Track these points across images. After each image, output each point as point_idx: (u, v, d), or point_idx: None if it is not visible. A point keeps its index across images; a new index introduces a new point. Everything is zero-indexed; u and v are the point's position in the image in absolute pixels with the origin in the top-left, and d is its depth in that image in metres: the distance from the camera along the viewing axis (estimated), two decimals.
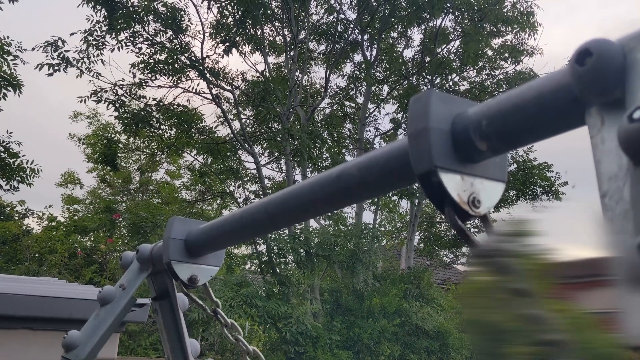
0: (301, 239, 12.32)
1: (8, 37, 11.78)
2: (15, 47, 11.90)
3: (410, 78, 16.40)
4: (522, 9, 15.31)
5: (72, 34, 12.47)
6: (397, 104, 17.05)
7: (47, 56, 12.29)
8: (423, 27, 16.54)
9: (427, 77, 16.14)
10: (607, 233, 0.50)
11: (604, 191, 0.53)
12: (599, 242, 0.51)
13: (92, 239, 17.35)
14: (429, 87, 16.16)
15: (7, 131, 12.25)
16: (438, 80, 16.20)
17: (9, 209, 16.68)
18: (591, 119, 0.59)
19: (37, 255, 15.16)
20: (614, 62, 0.56)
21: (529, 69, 15.96)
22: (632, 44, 0.56)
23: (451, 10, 15.77)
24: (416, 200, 15.83)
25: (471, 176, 0.78)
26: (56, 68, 12.37)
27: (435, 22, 16.19)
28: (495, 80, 16.61)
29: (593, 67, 0.57)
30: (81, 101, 13.01)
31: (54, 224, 17.53)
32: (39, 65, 12.15)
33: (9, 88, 11.78)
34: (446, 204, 0.78)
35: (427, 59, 16.11)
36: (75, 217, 20.25)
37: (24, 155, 12.37)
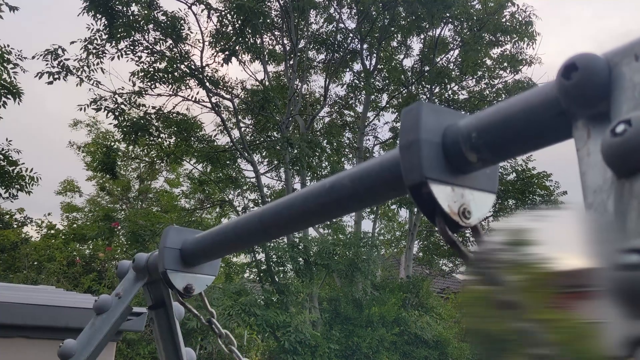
0: (300, 247, 12.31)
1: (8, 45, 11.82)
2: (16, 55, 11.93)
3: (410, 87, 16.44)
4: (520, 19, 15.37)
5: (72, 42, 12.51)
6: (397, 113, 17.08)
7: (47, 64, 12.34)
8: (422, 36, 16.60)
9: (427, 86, 16.18)
10: (591, 245, 0.51)
11: (589, 203, 0.54)
12: (586, 254, 0.52)
13: (90, 247, 17.32)
14: (428, 96, 16.21)
15: (7, 139, 12.27)
16: (437, 90, 16.25)
17: (7, 216, 16.66)
18: (577, 132, 0.59)
19: (35, 263, 15.13)
20: (600, 76, 0.57)
21: (527, 79, 16.02)
22: (617, 59, 0.57)
23: (450, 20, 15.84)
24: (415, 209, 15.82)
25: (461, 187, 0.78)
26: (56, 76, 12.40)
27: (434, 32, 16.26)
28: (494, 90, 16.65)
29: (579, 81, 0.58)
30: (81, 109, 13.04)
31: (52, 232, 17.51)
32: (39, 74, 12.19)
33: (9, 96, 11.80)
34: (437, 214, 0.78)
35: (427, 68, 16.16)
36: (74, 225, 20.22)
37: (23, 163, 12.38)
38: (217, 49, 13.46)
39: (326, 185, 1.02)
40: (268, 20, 14.16)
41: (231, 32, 13.31)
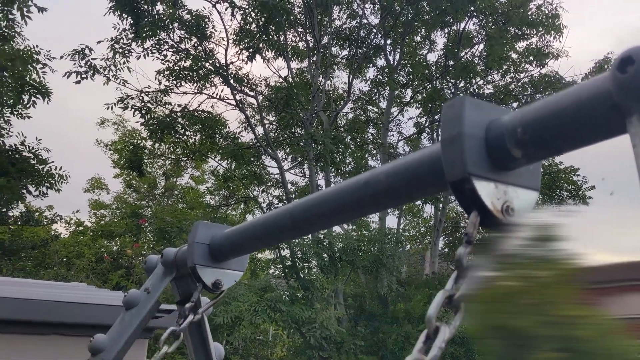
0: (325, 243, 12.31)
1: (37, 46, 12.03)
2: (44, 55, 12.14)
3: (434, 82, 16.30)
4: (547, 12, 15.11)
5: (99, 42, 12.68)
6: (421, 108, 16.95)
7: (75, 64, 12.52)
8: (446, 30, 16.44)
9: (451, 80, 16.02)
10: None
11: None
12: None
13: (118, 243, 17.58)
14: (452, 90, 16.04)
15: (37, 138, 12.50)
16: (462, 84, 16.07)
17: (37, 214, 16.98)
18: (633, 127, 0.57)
19: (65, 259, 15.41)
20: None
21: (554, 72, 15.74)
22: None
23: (475, 14, 15.65)
24: (440, 205, 15.70)
25: (505, 184, 0.77)
26: (84, 76, 12.58)
27: (458, 26, 16.09)
28: (520, 84, 16.42)
29: (635, 75, 0.56)
30: (108, 108, 13.22)
31: (81, 228, 17.82)
32: (67, 73, 12.37)
33: (38, 96, 12.01)
34: (474, 209, 0.77)
35: (451, 62, 16.00)
36: (102, 222, 20.54)
37: (53, 162, 12.60)
38: (241, 46, 13.51)
39: (361, 181, 1.01)
40: (291, 17, 14.16)
41: (255, 29, 13.34)
